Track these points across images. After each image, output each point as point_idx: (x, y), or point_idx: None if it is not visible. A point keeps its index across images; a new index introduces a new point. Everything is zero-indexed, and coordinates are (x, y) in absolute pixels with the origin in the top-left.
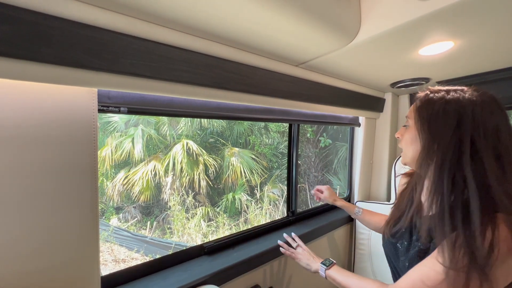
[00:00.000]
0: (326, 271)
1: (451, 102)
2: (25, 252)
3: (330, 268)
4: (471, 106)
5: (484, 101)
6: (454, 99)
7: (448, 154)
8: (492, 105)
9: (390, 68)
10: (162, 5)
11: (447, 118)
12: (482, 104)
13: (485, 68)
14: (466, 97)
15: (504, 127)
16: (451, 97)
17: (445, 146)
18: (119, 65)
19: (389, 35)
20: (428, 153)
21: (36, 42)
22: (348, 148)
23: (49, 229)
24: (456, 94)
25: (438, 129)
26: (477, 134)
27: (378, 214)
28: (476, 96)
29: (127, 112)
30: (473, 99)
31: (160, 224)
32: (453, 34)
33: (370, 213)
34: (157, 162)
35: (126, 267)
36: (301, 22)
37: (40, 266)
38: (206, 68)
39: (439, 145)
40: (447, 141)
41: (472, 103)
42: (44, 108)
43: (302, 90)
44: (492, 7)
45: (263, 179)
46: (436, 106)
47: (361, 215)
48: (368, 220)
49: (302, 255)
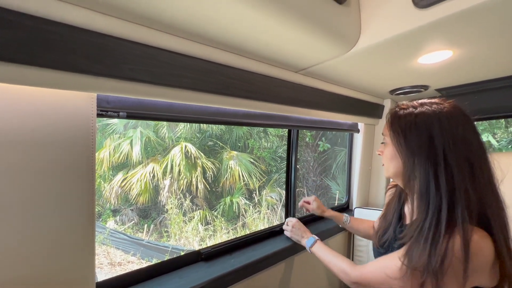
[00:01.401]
0: (310, 248)
1: (419, 116)
2: (19, 257)
3: (313, 246)
4: (437, 118)
5: (450, 113)
6: (422, 113)
7: (426, 167)
8: (458, 116)
9: (389, 75)
10: (164, 11)
11: (419, 132)
12: (447, 114)
13: (484, 76)
14: (432, 110)
15: (472, 136)
16: (418, 111)
17: (423, 160)
18: (119, 70)
19: (389, 43)
20: (410, 168)
21: (36, 47)
22: (347, 154)
23: (44, 234)
24: (423, 109)
25: (413, 144)
26: (447, 146)
27: (365, 221)
28: (442, 108)
29: (126, 116)
30: (439, 111)
31: (157, 227)
32: (452, 44)
33: (358, 220)
34: (155, 165)
35: (122, 273)
36: (302, 29)
37: (33, 272)
38: (206, 74)
39: (417, 159)
40: (425, 155)
41: (438, 115)
42: (43, 112)
43: (301, 96)
44: (491, 17)
45: (262, 183)
46: (407, 121)
47: (350, 224)
48: (356, 228)
49: (293, 233)
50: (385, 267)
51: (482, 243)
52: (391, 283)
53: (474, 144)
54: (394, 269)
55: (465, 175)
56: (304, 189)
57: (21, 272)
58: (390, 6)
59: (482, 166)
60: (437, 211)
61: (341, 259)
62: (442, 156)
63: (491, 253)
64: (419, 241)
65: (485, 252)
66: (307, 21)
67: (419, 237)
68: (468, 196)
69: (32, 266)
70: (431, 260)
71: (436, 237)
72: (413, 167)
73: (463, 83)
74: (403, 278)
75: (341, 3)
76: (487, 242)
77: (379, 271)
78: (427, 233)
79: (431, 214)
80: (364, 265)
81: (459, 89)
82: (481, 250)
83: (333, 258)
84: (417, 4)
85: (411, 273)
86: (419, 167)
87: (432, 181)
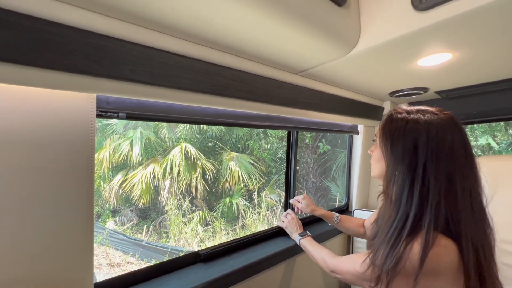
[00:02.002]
0: (300, 240)
1: (410, 123)
2: (16, 258)
3: (303, 238)
4: (427, 127)
5: (442, 122)
6: (413, 120)
7: (405, 176)
8: (449, 125)
9: (389, 77)
10: (163, 13)
11: (405, 139)
12: (438, 125)
13: (483, 79)
14: (424, 119)
15: (459, 145)
16: (411, 118)
17: (404, 168)
18: (119, 71)
19: (388, 46)
20: (391, 173)
21: (36, 47)
22: (347, 155)
23: (42, 234)
24: (416, 116)
25: (398, 151)
26: (430, 158)
27: (355, 219)
28: (434, 117)
29: (125, 117)
30: (430, 120)
31: (156, 228)
32: (451, 46)
33: (347, 219)
34: (155, 165)
35: (120, 274)
36: (302, 31)
37: (31, 273)
38: (206, 75)
39: (399, 167)
40: (406, 163)
41: (428, 125)
42: (42, 112)
43: (301, 98)
44: (490, 20)
45: (261, 184)
46: (397, 126)
47: (340, 222)
48: (347, 226)
49: (289, 224)
50: (355, 260)
51: (442, 250)
52: (357, 276)
53: (459, 159)
54: (361, 261)
55: (441, 189)
56: (304, 190)
57: (18, 272)
58: (389, 8)
59: (465, 183)
60: (404, 218)
61: (324, 250)
62: (422, 167)
63: (450, 262)
64: (384, 241)
65: (443, 258)
66: (306, 23)
67: (385, 238)
68: (438, 209)
69: (30, 266)
70: (386, 260)
71: (396, 241)
72: (394, 173)
73: (463, 86)
74: (366, 272)
75: (340, 5)
76: (449, 250)
77: (350, 263)
78: (390, 236)
79: (398, 220)
80: (342, 256)
81: (458, 91)
82: (438, 256)
83: (317, 249)
84: (416, 7)
85: (372, 269)
86: (399, 174)
87: (407, 190)
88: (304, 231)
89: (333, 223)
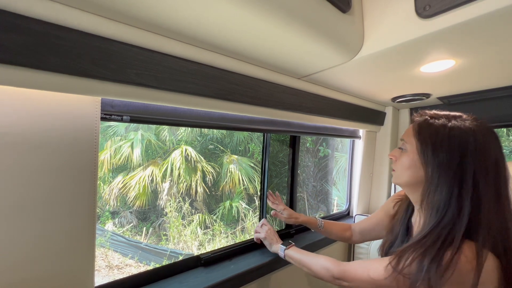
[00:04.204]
0: (285, 251)
1: (454, 130)
2: (17, 261)
3: (289, 248)
4: (473, 136)
5: (484, 132)
6: (457, 127)
7: (451, 184)
8: (491, 137)
9: (391, 83)
10: (170, 18)
11: (451, 148)
12: (483, 134)
13: (486, 86)
14: (468, 126)
15: (501, 160)
16: (453, 125)
17: (449, 177)
18: (125, 75)
19: (391, 52)
20: (432, 181)
21: (44, 51)
22: (348, 160)
23: (45, 237)
24: (458, 123)
25: (442, 159)
26: (478, 168)
27: (338, 223)
28: (476, 126)
29: (129, 120)
30: (475, 128)
31: (156, 230)
32: (454, 53)
33: (331, 224)
34: (155, 168)
35: (120, 278)
36: (306, 37)
37: (32, 276)
38: (211, 80)
39: (443, 176)
40: (452, 173)
41: (474, 133)
42: (47, 115)
43: (304, 103)
44: (493, 27)
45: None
46: (440, 133)
47: (324, 228)
48: (330, 231)
49: (267, 234)
50: (369, 267)
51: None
52: (371, 283)
53: (502, 171)
54: (379, 270)
55: (491, 203)
56: (304, 194)
57: (18, 275)
58: (393, 15)
59: (508, 194)
60: (450, 228)
61: (322, 257)
62: (471, 178)
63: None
64: (416, 249)
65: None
66: (311, 29)
67: (418, 245)
68: (491, 223)
69: (31, 269)
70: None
71: (441, 251)
72: (436, 181)
73: (465, 92)
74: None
75: (344, 12)
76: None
77: (362, 269)
78: (430, 244)
79: (441, 228)
80: (349, 262)
81: (461, 97)
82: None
83: (313, 258)
84: (420, 14)
85: (395, 277)
86: (444, 183)
87: (455, 199)
88: (286, 241)
89: (317, 229)
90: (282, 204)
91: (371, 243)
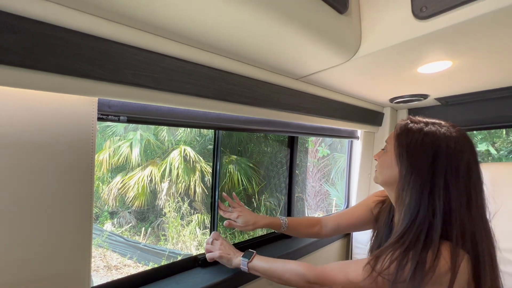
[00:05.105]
0: (249, 264)
1: (429, 135)
2: (14, 261)
3: (251, 260)
4: (446, 141)
5: (458, 138)
6: (431, 132)
7: (422, 183)
8: (465, 143)
9: (389, 84)
10: (166, 18)
11: (424, 150)
12: (456, 141)
13: (483, 86)
14: (442, 132)
15: (474, 165)
16: (429, 129)
17: (421, 177)
18: (122, 75)
19: (388, 53)
20: (405, 180)
21: (40, 51)
22: (346, 161)
23: (40, 238)
24: (434, 128)
25: (415, 160)
26: (449, 170)
27: (303, 219)
28: (451, 132)
29: (126, 121)
30: (448, 134)
31: (154, 230)
32: (451, 54)
33: (296, 221)
34: (154, 168)
35: (117, 278)
36: (303, 38)
37: (27, 277)
38: (208, 80)
39: (415, 175)
40: (424, 173)
41: (447, 139)
42: (44, 115)
43: (302, 103)
44: (490, 29)
45: (260, 188)
46: (415, 136)
47: (288, 229)
48: (297, 231)
49: (221, 251)
50: (347, 269)
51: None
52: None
53: (474, 176)
54: (358, 271)
55: (462, 204)
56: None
57: (14, 276)
58: (390, 16)
59: (478, 199)
60: (426, 227)
61: (293, 262)
62: (442, 179)
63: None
64: (395, 249)
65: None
66: (308, 30)
67: (396, 245)
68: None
69: (27, 269)
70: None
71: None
72: (409, 179)
73: (463, 93)
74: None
75: (342, 13)
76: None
77: (339, 271)
78: (409, 245)
79: (416, 227)
80: (325, 265)
81: (458, 98)
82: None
83: (282, 264)
84: (417, 16)
85: (374, 279)
86: (415, 182)
87: (426, 197)
88: (247, 251)
89: (282, 231)
90: (237, 209)
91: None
